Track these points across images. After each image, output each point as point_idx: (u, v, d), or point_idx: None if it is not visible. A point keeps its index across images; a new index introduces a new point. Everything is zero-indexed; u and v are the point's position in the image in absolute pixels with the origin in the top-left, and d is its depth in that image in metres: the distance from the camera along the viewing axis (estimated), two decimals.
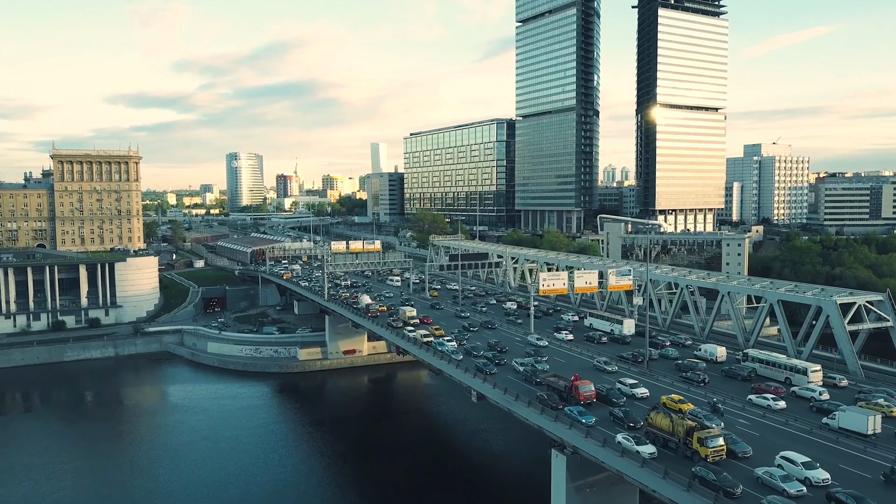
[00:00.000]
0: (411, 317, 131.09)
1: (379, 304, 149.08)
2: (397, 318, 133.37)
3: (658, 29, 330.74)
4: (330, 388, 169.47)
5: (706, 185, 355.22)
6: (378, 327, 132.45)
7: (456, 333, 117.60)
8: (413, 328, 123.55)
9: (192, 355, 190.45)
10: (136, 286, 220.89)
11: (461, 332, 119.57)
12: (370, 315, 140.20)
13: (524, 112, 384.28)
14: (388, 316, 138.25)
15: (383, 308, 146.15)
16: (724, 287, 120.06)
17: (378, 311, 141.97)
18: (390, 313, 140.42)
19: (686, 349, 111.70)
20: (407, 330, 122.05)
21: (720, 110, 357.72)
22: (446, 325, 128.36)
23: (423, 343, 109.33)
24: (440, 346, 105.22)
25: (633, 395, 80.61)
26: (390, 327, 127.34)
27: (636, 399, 79.53)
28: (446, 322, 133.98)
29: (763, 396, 79.28)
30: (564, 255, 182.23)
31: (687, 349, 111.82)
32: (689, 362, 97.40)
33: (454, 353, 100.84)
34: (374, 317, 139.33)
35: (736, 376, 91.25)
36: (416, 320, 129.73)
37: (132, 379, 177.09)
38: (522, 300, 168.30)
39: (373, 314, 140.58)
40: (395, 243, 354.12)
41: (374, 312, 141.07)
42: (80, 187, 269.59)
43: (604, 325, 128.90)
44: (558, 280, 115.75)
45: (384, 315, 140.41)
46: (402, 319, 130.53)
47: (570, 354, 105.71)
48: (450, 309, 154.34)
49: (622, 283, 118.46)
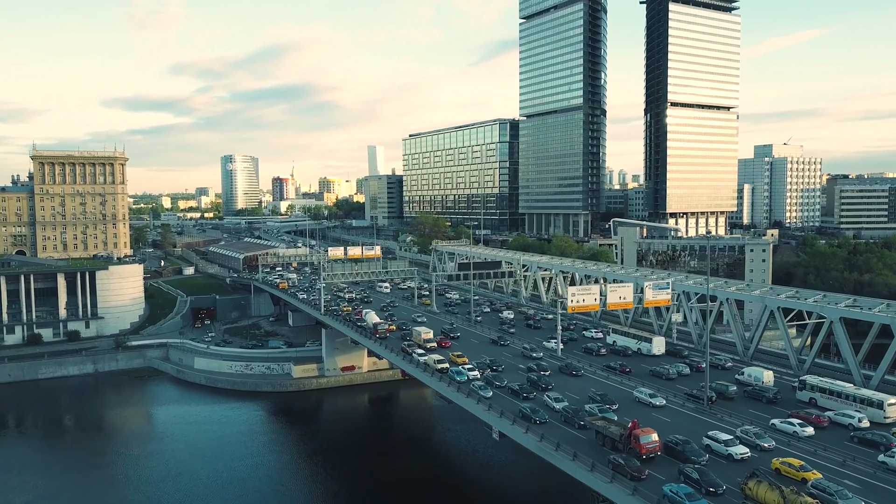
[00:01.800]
0: (427, 339, 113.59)
1: (388, 323, 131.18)
2: (410, 340, 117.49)
3: (669, 24, 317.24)
4: (326, 411, 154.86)
5: (718, 187, 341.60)
6: (391, 354, 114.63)
7: (479, 363, 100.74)
8: (425, 352, 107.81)
9: (178, 372, 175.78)
10: (119, 296, 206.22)
11: (481, 363, 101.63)
12: (378, 336, 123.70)
13: (528, 112, 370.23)
14: (399, 338, 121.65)
15: (393, 327, 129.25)
16: (773, 301, 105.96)
17: (387, 332, 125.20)
18: (403, 335, 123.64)
19: (725, 372, 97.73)
20: (417, 353, 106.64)
21: (732, 109, 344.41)
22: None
23: (437, 370, 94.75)
24: (459, 376, 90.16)
25: (728, 454, 61.02)
26: (404, 353, 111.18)
27: (732, 460, 60.76)
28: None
29: (788, 422, 70.65)
30: (581, 263, 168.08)
31: (726, 372, 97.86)
32: (719, 385, 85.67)
33: (482, 388, 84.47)
34: (383, 338, 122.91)
35: (801, 416, 75.76)
36: (433, 343, 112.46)
37: (110, 400, 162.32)
38: (534, 311, 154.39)
39: (381, 335, 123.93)
40: (394, 248, 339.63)
41: (382, 333, 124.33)
42: (62, 190, 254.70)
43: (630, 343, 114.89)
44: (589, 295, 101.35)
45: (395, 335, 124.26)
46: (417, 342, 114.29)
47: (605, 383, 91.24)
48: (443, 318, 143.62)
49: (660, 297, 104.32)
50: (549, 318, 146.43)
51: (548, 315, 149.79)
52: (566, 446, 62.94)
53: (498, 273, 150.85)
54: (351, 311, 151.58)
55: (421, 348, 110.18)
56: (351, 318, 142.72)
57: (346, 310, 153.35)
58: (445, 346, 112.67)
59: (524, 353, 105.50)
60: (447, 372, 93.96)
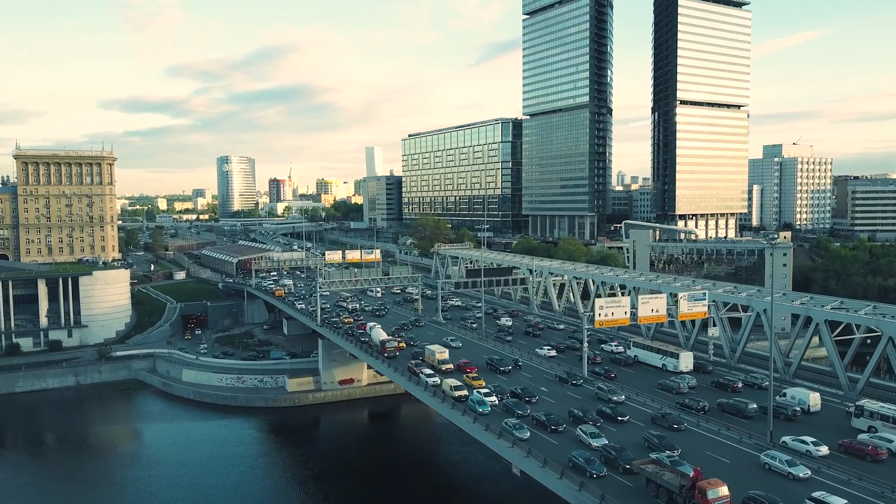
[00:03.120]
0: (443, 360, 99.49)
1: (398, 340, 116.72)
2: (422, 359, 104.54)
3: (679, 19, 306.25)
4: (323, 429, 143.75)
5: (728, 188, 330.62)
6: (408, 382, 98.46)
7: (495, 386, 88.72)
8: (436, 374, 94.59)
9: (165, 385, 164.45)
10: (104, 303, 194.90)
11: (498, 387, 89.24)
12: (387, 354, 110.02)
13: (532, 110, 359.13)
14: (410, 356, 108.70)
15: (402, 344, 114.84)
16: (819, 313, 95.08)
17: (396, 350, 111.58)
18: (414, 353, 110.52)
19: (763, 392, 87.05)
20: (425, 373, 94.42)
21: (742, 108, 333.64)
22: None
23: (455, 398, 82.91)
24: (482, 408, 77.88)
25: None
26: (411, 373, 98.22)
27: None
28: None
29: (801, 440, 65.36)
30: (596, 268, 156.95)
31: (764, 392, 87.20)
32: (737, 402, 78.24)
33: (517, 428, 69.34)
34: (392, 357, 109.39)
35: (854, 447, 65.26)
36: (448, 365, 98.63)
37: (91, 416, 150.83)
38: (539, 319, 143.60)
39: (390, 353, 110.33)
40: (394, 251, 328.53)
41: (391, 351, 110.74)
42: (46, 191, 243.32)
43: (653, 359, 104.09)
44: (618, 308, 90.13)
45: (405, 354, 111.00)
46: (430, 363, 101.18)
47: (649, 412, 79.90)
48: (436, 325, 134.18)
49: (695, 309, 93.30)
50: (560, 329, 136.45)
51: (558, 325, 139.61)
52: (612, 499, 51.77)
53: (509, 280, 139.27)
54: (353, 323, 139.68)
55: (432, 369, 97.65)
56: (353, 332, 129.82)
57: (346, 321, 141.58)
58: (470, 372, 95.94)
59: (598, 395, 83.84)
60: (466, 400, 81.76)
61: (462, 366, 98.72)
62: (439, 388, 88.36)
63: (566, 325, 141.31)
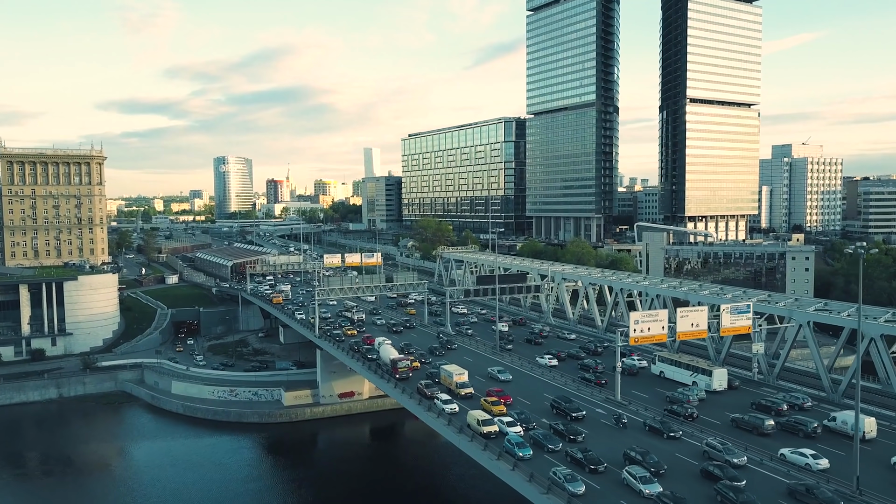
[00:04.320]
0: (461, 383, 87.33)
1: (411, 359, 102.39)
2: (437, 381, 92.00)
3: (688, 15, 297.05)
4: (321, 448, 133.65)
5: (738, 189, 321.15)
6: (422, 410, 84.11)
7: (519, 413, 77.39)
8: (453, 400, 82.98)
9: (153, 398, 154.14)
10: (90, 309, 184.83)
11: (522, 414, 77.63)
12: (398, 376, 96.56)
13: (536, 109, 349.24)
14: (423, 376, 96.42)
15: (416, 364, 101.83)
16: (873, 328, 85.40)
17: (409, 370, 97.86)
18: (428, 374, 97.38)
19: (804, 414, 77.39)
20: (441, 399, 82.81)
21: (753, 107, 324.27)
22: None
23: (483, 434, 70.46)
24: (523, 451, 64.66)
25: None
26: (421, 396, 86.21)
27: None
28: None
29: (800, 452, 61.58)
30: (612, 274, 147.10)
31: (806, 414, 77.54)
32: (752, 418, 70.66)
33: (570, 481, 57.10)
34: (404, 378, 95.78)
35: None
36: (468, 389, 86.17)
37: (73, 433, 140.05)
38: (542, 327, 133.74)
39: (402, 374, 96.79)
40: (394, 254, 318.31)
41: (403, 371, 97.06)
42: (32, 192, 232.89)
43: (682, 375, 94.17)
44: (655, 322, 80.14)
45: (418, 374, 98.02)
46: (447, 385, 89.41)
47: None
48: (429, 330, 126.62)
49: (739, 323, 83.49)
50: (571, 339, 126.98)
51: (569, 335, 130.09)
52: None
53: (523, 287, 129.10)
54: (357, 335, 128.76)
55: (449, 393, 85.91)
56: (360, 348, 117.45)
57: (349, 333, 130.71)
58: (505, 401, 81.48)
59: (708, 453, 65.51)
60: (495, 436, 69.67)
61: (501, 397, 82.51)
62: (458, 418, 76.77)
63: (578, 334, 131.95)
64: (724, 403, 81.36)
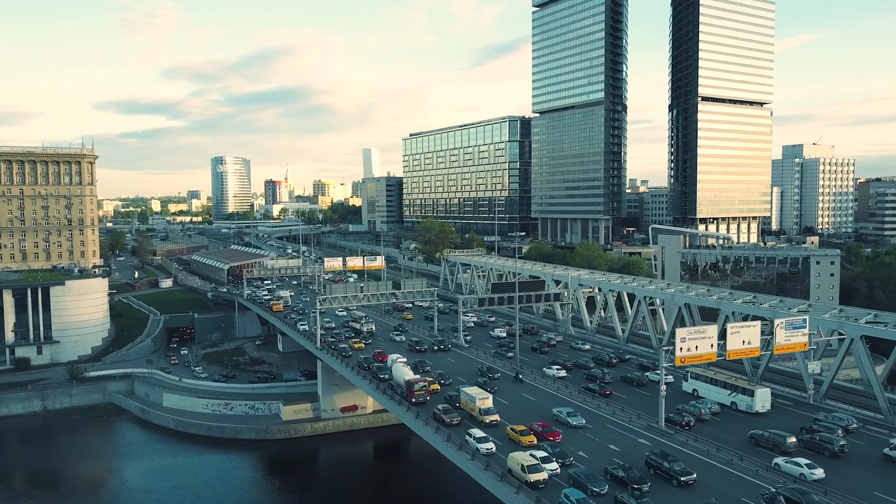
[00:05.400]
0: (485, 409, 75.62)
1: (428, 380, 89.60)
2: (457, 405, 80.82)
3: (700, 10, 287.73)
4: (322, 467, 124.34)
5: (750, 191, 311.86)
6: (449, 447, 69.99)
7: (553, 446, 66.20)
8: (488, 437, 68.95)
9: (143, 411, 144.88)
10: (78, 315, 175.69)
11: (558, 447, 66.12)
12: (414, 400, 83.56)
13: (542, 108, 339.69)
14: (441, 400, 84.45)
15: (436, 386, 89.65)
16: None
17: (427, 393, 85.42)
18: (447, 397, 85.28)
19: (853, 438, 68.73)
20: (474, 436, 68.67)
21: (765, 105, 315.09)
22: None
23: (531, 482, 57.49)
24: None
25: None
26: (438, 422, 75.17)
27: None
28: None
29: (794, 461, 60.45)
30: (633, 280, 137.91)
31: (856, 438, 68.77)
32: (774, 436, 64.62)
33: None
34: (421, 403, 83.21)
35: None
36: (493, 417, 74.92)
37: (56, 451, 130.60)
38: (551, 337, 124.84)
39: (419, 398, 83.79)
40: (396, 256, 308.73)
41: (420, 395, 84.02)
42: (20, 192, 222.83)
43: (718, 394, 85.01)
44: (703, 339, 70.79)
45: (437, 398, 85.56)
46: (468, 411, 77.97)
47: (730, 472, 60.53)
48: (423, 335, 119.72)
49: (794, 340, 74.19)
50: (586, 349, 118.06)
51: (583, 345, 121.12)
52: None
53: (542, 296, 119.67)
54: (364, 349, 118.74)
55: (474, 423, 74.87)
56: (370, 365, 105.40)
57: (357, 347, 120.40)
58: (555, 440, 68.50)
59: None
60: (544, 486, 57.57)
61: (541, 433, 69.18)
62: (495, 460, 64.15)
63: (594, 345, 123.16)
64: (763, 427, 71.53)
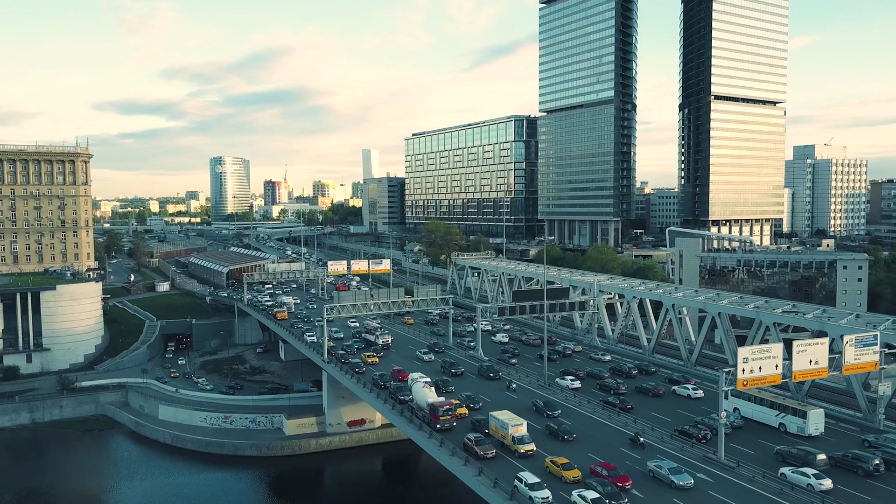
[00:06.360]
0: (519, 437, 67.45)
1: (455, 403, 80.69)
2: (486, 431, 72.62)
3: (713, 6, 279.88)
4: (329, 487, 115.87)
5: (763, 192, 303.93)
6: (497, 495, 59.14)
7: (601, 484, 56.98)
8: (542, 483, 58.81)
9: (138, 425, 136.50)
10: (70, 322, 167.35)
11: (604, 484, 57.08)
12: (440, 425, 74.70)
13: (549, 106, 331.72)
14: (468, 426, 76.44)
15: (463, 410, 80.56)
16: None
17: (454, 418, 76.57)
18: (474, 422, 76.74)
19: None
20: (527, 482, 57.88)
21: (779, 104, 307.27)
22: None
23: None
24: None
25: None
26: (467, 453, 66.41)
27: None
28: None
29: (801, 472, 58.58)
30: (656, 287, 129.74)
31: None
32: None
33: None
34: (447, 429, 74.61)
35: None
36: (529, 447, 66.64)
37: (43, 467, 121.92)
38: (565, 346, 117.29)
39: (444, 423, 74.99)
40: (400, 259, 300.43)
41: (446, 421, 75.20)
42: (11, 192, 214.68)
43: (764, 415, 76.97)
44: (768, 360, 62.62)
45: (462, 423, 77.28)
46: (499, 439, 69.69)
47: None
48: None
49: (865, 359, 66.13)
50: (606, 360, 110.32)
51: (604, 355, 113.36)
52: None
53: (566, 304, 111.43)
54: (378, 363, 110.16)
55: (500, 449, 66.56)
56: (386, 383, 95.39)
57: (371, 361, 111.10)
58: (621, 484, 58.28)
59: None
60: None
61: (606, 477, 58.87)
62: None
63: (615, 355, 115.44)
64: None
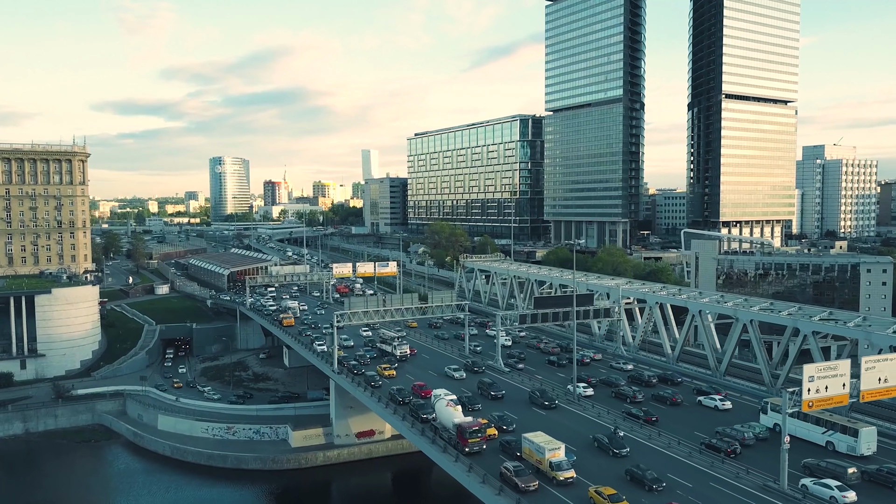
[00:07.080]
0: (557, 463, 61.64)
1: (484, 423, 73.22)
2: (519, 454, 66.52)
3: (724, 4, 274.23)
4: (336, 501, 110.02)
5: (774, 193, 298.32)
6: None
7: None
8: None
9: (136, 436, 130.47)
10: (66, 327, 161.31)
11: None
12: (468, 448, 68.18)
13: (555, 105, 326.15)
14: (497, 448, 70.05)
15: (493, 430, 73.53)
16: None
17: (483, 440, 69.69)
18: (504, 443, 70.66)
19: None
20: None
21: (790, 104, 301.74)
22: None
23: None
24: None
25: None
26: (503, 482, 60.41)
27: None
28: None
29: (824, 483, 56.07)
30: (678, 292, 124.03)
31: None
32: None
33: None
34: (475, 453, 68.14)
35: None
36: (568, 473, 60.91)
37: (36, 481, 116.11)
38: (581, 354, 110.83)
39: (473, 446, 68.48)
40: (404, 260, 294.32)
41: (475, 441, 68.63)
42: (7, 192, 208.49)
43: (809, 432, 71.19)
44: (835, 378, 56.76)
45: (491, 445, 70.60)
46: (534, 464, 63.59)
47: None
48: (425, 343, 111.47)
49: None
50: (628, 369, 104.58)
51: (626, 364, 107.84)
52: None
53: (590, 311, 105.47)
54: (395, 376, 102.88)
55: (536, 475, 60.61)
56: (406, 399, 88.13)
57: (388, 374, 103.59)
58: None
59: None
60: None
61: None
62: None
63: (637, 363, 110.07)
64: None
